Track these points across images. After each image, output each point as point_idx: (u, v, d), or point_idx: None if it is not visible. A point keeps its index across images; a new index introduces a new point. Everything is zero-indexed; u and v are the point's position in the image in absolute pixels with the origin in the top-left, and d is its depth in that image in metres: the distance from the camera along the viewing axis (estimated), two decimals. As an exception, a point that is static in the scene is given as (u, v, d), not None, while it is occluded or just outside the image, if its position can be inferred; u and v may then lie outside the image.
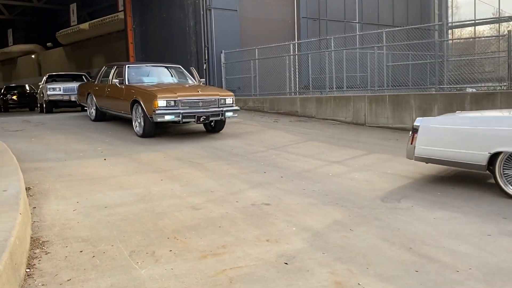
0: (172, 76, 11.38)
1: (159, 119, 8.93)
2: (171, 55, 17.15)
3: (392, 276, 3.49)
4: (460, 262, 3.75)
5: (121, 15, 22.06)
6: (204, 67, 16.35)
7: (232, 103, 9.76)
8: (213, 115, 9.39)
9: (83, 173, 6.67)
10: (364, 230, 4.47)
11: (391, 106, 11.48)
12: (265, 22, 17.71)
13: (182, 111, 8.99)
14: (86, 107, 12.72)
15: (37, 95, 19.79)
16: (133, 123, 9.79)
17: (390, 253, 3.94)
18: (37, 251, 3.85)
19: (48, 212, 4.87)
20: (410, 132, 6.31)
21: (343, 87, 14.08)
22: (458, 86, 11.25)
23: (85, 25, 28.11)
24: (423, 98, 11.04)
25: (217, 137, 9.80)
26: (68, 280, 3.35)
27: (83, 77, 17.74)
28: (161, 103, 8.88)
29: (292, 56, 15.04)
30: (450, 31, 23.29)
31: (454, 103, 10.41)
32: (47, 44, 34.10)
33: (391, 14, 21.22)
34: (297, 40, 17.62)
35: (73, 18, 29.89)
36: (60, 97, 16.07)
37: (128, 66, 10.75)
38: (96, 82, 12.08)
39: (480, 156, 5.50)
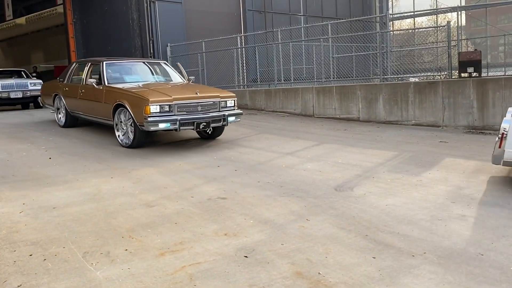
0: (157, 73, 9.74)
1: (152, 128, 7.37)
2: (115, 49, 16.67)
3: (351, 264, 3.54)
4: (415, 247, 3.86)
5: (60, 8, 21.19)
6: (150, 61, 15.98)
7: (234, 105, 8.28)
8: (214, 121, 7.88)
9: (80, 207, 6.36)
10: (321, 220, 4.52)
11: (338, 97, 11.68)
12: (211, 15, 17.55)
13: (179, 118, 7.44)
14: (51, 109, 10.85)
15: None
16: (116, 132, 8.21)
17: (348, 241, 4.00)
18: (-18, 257, 3.62)
19: (-9, 216, 4.60)
20: (497, 136, 5.58)
21: (290, 80, 14.20)
22: (401, 76, 11.58)
23: (21, 20, 26.85)
24: (368, 88, 11.30)
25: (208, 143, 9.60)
26: (18, 286, 3.18)
27: (22, 72, 16.87)
28: (154, 108, 7.32)
29: (239, 49, 14.99)
30: (390, 22, 24.00)
31: (398, 92, 10.72)
32: (-20, 39, 32.31)
33: (334, 7, 21.56)
34: (244, 33, 17.57)
35: (9, 12, 28.42)
36: (-1, 95, 15.03)
37: (106, 63, 8.97)
38: (65, 82, 10.18)
39: None
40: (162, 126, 7.37)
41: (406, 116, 10.60)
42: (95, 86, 8.61)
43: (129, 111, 7.69)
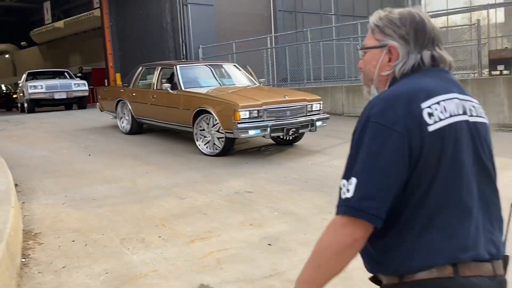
0: (229, 76, 9.18)
1: (242, 135, 6.94)
2: (149, 51, 17.19)
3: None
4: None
5: (96, 12, 21.94)
6: (183, 63, 16.44)
7: (320, 109, 7.77)
8: (303, 127, 7.40)
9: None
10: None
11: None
12: (241, 16, 17.86)
13: (269, 123, 6.97)
14: (115, 116, 10.06)
15: (16, 95, 19.58)
16: (196, 139, 7.64)
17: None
18: (30, 242, 4.00)
19: (37, 206, 5.00)
20: None
21: (320, 79, 14.36)
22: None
23: (60, 23, 27.83)
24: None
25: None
26: (63, 267, 3.52)
27: (66, 73, 17.46)
28: (244, 114, 6.82)
29: (269, 49, 15.25)
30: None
31: (427, 91, 10.74)
32: (21, 43, 33.66)
33: (366, 5, 21.54)
34: (274, 33, 17.82)
35: (47, 16, 29.54)
36: (43, 95, 15.21)
37: (180, 67, 8.48)
38: (131, 87, 9.63)
39: None
40: (252, 132, 6.93)
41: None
42: (170, 91, 8.09)
43: (214, 118, 7.22)
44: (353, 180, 1.22)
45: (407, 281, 1.24)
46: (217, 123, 7.19)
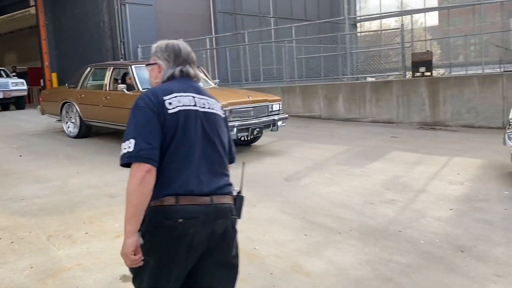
0: None
1: None
2: (86, 51, 16.94)
3: (285, 240, 4.06)
4: (344, 226, 4.40)
5: (33, 10, 21.27)
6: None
7: (279, 109, 7.90)
8: (265, 126, 7.53)
9: None
10: (267, 206, 5.03)
11: (302, 96, 12.24)
12: (181, 17, 17.94)
13: (236, 124, 7.01)
14: (58, 119, 9.70)
15: None
16: None
17: (286, 222, 4.51)
18: (-45, 242, 4.03)
19: (-37, 207, 4.98)
20: (505, 132, 5.79)
21: (260, 79, 14.71)
22: (359, 76, 12.21)
23: (-7, 20, 26.75)
24: (329, 88, 11.89)
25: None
26: (-13, 264, 3.60)
27: (2, 72, 16.84)
28: None
29: (209, 50, 15.44)
30: (359, 24, 24.74)
31: (356, 91, 11.33)
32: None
33: (303, 9, 22.15)
34: (214, 34, 18.02)
35: (-20, 13, 28.31)
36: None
37: (136, 67, 8.16)
38: (78, 88, 9.22)
39: None
40: None
41: (363, 113, 11.22)
42: (126, 92, 7.78)
43: None
44: (132, 141, 1.90)
45: (151, 206, 1.93)
46: None
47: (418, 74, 10.67)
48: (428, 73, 10.60)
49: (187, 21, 17.91)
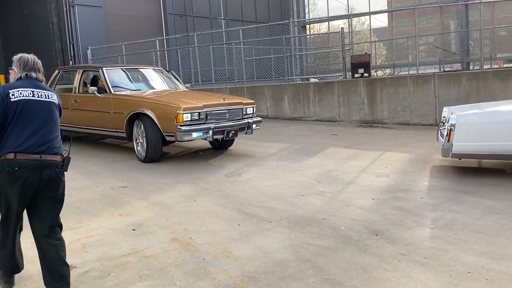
0: (157, 80, 9.00)
1: (186, 138, 6.95)
2: (35, 52, 16.30)
3: (219, 230, 4.40)
4: (275, 216, 4.79)
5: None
6: (71, 64, 16.28)
7: (253, 112, 7.97)
8: (240, 129, 7.54)
9: None
10: (206, 200, 5.36)
11: (249, 96, 12.61)
12: (132, 18, 18.01)
13: (212, 126, 7.05)
14: None
15: None
16: (135, 144, 7.50)
17: (222, 214, 4.86)
18: None
19: None
20: (445, 130, 6.11)
21: (211, 80, 15.01)
22: (303, 77, 12.72)
23: None
24: (275, 88, 12.35)
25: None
26: None
27: None
28: (187, 116, 6.85)
29: (159, 52, 15.61)
30: (308, 26, 25.42)
31: (300, 92, 11.83)
32: None
33: (253, 11, 22.60)
34: (165, 35, 18.19)
35: None
36: None
37: (107, 70, 8.26)
38: None
39: None
40: (195, 135, 6.97)
41: (308, 112, 11.73)
42: (97, 94, 7.89)
43: (152, 121, 7.09)
44: None
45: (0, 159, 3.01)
46: (158, 126, 7.06)
47: (357, 75, 11.26)
48: (366, 74, 11.20)
49: (138, 23, 18.00)
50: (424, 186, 5.78)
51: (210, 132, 7.00)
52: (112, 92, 7.85)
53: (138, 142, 7.43)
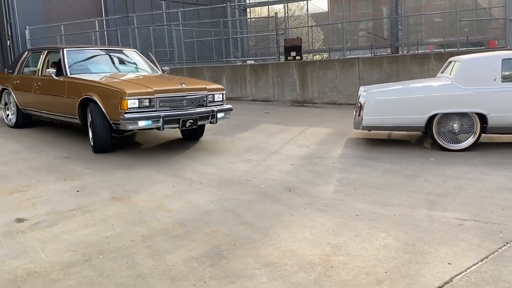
0: (126, 63, 8.37)
1: (130, 127, 6.21)
2: (-31, 31, 16.43)
3: (155, 190, 5.04)
4: (205, 178, 5.47)
5: None
6: (8, 44, 16.13)
7: (222, 99, 7.14)
8: (202, 118, 6.68)
9: None
10: (143, 166, 5.96)
11: (189, 76, 13.16)
12: (71, -2, 17.94)
13: (162, 114, 6.23)
14: None
15: None
16: (90, 133, 6.72)
17: (158, 178, 5.49)
18: None
19: None
20: (356, 106, 7.02)
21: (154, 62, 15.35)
22: (240, 59, 13.39)
23: None
24: (214, 69, 12.96)
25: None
26: None
27: None
28: (132, 103, 6.11)
29: (98, 33, 15.76)
30: (248, 10, 26.02)
31: (238, 73, 12.51)
32: None
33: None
34: (105, 16, 18.25)
35: None
36: None
37: (67, 51, 7.65)
38: (15, 74, 8.63)
39: (421, 119, 6.64)
40: (142, 124, 6.17)
41: (245, 93, 12.44)
42: (55, 77, 7.28)
43: (99, 106, 6.44)
44: None
45: None
46: (104, 113, 6.43)
47: (290, 58, 12.05)
48: (298, 57, 12.03)
49: (77, 2, 17.95)
50: (337, 154, 6.65)
51: (161, 120, 6.20)
52: (69, 74, 7.27)
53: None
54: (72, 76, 7.21)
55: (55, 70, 7.35)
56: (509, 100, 6.48)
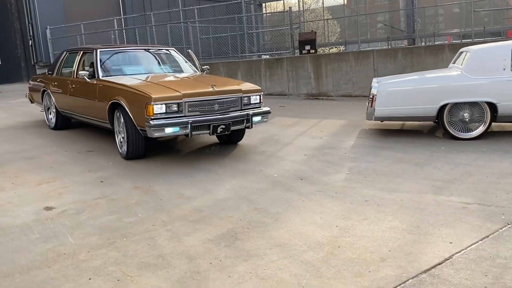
0: (164, 63, 7.99)
1: (156, 134, 5.70)
2: (-7, 33, 16.97)
3: (174, 180, 5.30)
4: (221, 169, 5.72)
5: None
6: (30, 43, 16.63)
7: (260, 101, 6.55)
8: (235, 123, 6.14)
9: None
10: (162, 158, 6.23)
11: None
12: (90, -2, 18.37)
13: (191, 120, 5.73)
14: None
15: None
16: (116, 138, 6.49)
17: (177, 169, 5.76)
18: None
19: None
20: (369, 97, 7.18)
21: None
22: (256, 54, 13.61)
23: None
24: (230, 65, 13.19)
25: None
26: None
27: None
28: (159, 108, 5.65)
29: (117, 31, 16.14)
30: (264, 4, 26.20)
31: (252, 68, 12.72)
32: None
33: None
34: (123, 15, 18.65)
35: None
36: None
37: (100, 51, 7.36)
38: (54, 75, 8.53)
39: (432, 109, 6.80)
40: (169, 130, 5.71)
41: (260, 87, 12.63)
42: (87, 79, 6.97)
43: (126, 112, 6.05)
44: None
45: None
46: (132, 119, 6.01)
47: (304, 51, 12.22)
48: (313, 51, 12.18)
49: (95, 2, 18.38)
50: (350, 144, 6.83)
51: (189, 127, 5.70)
52: (100, 77, 6.93)
53: (119, 137, 6.46)
54: (103, 79, 6.86)
55: (87, 73, 7.03)
56: (519, 89, 6.58)
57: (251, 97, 6.42)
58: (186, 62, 7.99)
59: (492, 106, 6.64)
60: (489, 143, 6.48)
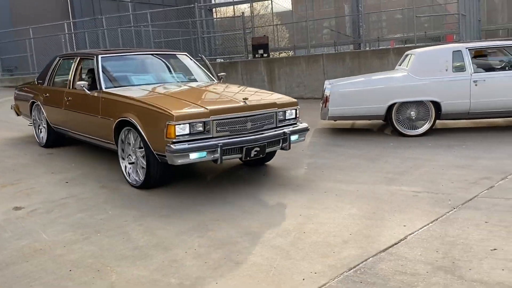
0: (175, 70, 6.80)
1: (179, 161, 4.53)
2: None
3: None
4: (192, 168, 5.90)
5: None
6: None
7: (296, 116, 5.44)
8: (271, 144, 5.00)
9: None
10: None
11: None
12: (37, 2, 17.98)
13: (220, 142, 4.61)
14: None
15: None
16: (122, 164, 5.34)
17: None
18: None
19: None
20: (322, 98, 7.54)
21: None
22: (210, 57, 13.82)
23: None
24: (184, 68, 13.33)
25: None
26: None
27: None
28: (182, 129, 4.51)
29: (67, 35, 15.91)
30: (214, 9, 26.44)
31: (207, 71, 12.91)
32: None
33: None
34: (72, 19, 18.37)
35: None
36: None
37: (102, 57, 6.05)
38: (45, 85, 7.17)
39: (381, 108, 7.23)
40: (194, 156, 4.54)
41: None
42: (87, 91, 5.76)
43: (139, 133, 4.88)
44: None
45: None
46: (146, 141, 4.80)
47: (257, 55, 12.55)
48: (266, 55, 12.54)
49: (44, 6, 18.02)
50: (306, 142, 7.16)
51: (218, 151, 4.58)
52: (103, 88, 5.71)
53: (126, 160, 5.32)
54: (107, 91, 5.63)
55: (86, 83, 5.91)
56: (460, 88, 7.13)
57: (286, 111, 5.29)
58: (200, 68, 6.89)
59: (436, 105, 7.16)
60: (434, 139, 6.99)
